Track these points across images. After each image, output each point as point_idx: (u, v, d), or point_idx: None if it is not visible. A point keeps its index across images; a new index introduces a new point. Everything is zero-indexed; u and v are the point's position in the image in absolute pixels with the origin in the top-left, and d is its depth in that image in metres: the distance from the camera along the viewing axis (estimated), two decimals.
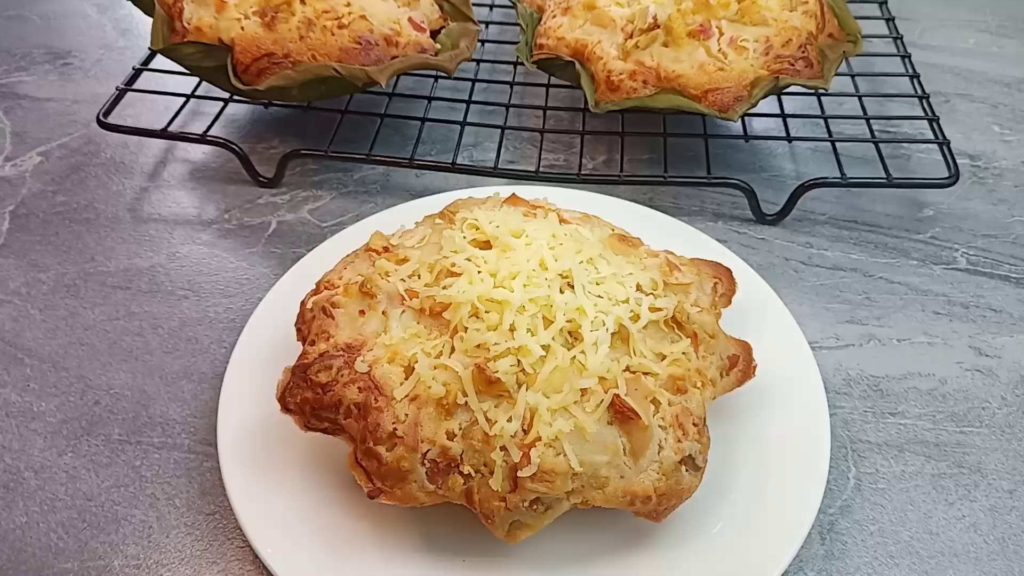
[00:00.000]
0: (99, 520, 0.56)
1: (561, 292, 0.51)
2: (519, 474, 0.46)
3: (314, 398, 0.50)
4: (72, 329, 0.68)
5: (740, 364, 0.55)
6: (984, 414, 0.63)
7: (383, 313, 0.52)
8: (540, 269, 0.52)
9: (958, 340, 0.69)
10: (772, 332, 0.62)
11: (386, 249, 0.57)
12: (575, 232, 0.56)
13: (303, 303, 0.56)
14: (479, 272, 0.51)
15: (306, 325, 0.55)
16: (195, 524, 0.56)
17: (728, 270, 0.61)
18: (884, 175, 0.76)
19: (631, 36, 0.77)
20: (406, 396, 0.48)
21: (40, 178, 0.84)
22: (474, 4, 0.93)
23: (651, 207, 0.74)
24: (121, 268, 0.74)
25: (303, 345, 0.53)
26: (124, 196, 0.82)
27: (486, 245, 0.55)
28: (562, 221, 0.58)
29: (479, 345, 0.48)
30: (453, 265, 0.53)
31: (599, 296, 0.52)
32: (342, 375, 0.50)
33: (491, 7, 1.04)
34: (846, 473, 0.59)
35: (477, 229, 0.56)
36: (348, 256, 0.59)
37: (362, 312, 0.52)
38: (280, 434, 0.56)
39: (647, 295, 0.53)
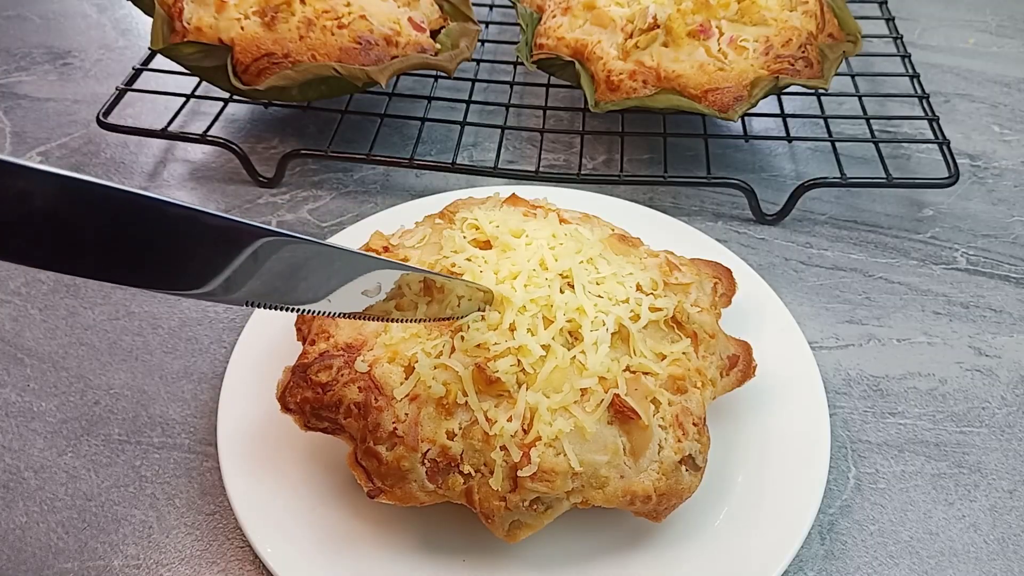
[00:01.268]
0: (99, 520, 0.56)
1: (561, 292, 0.51)
2: (519, 474, 0.46)
3: (314, 397, 0.50)
4: (72, 329, 0.68)
5: (740, 364, 0.55)
6: (984, 414, 0.63)
7: None
8: (540, 269, 0.52)
9: (958, 340, 0.69)
10: (772, 332, 0.62)
11: (386, 249, 0.57)
12: (575, 232, 0.56)
13: None
14: (480, 272, 0.51)
15: (306, 325, 0.55)
16: (195, 524, 0.55)
17: (728, 270, 0.61)
18: (884, 175, 0.76)
19: (631, 36, 0.77)
20: (406, 396, 0.48)
21: None
22: (474, 4, 0.93)
23: (651, 207, 0.74)
24: None
25: (303, 345, 0.53)
26: None
27: (486, 245, 0.55)
28: (562, 221, 0.58)
29: (479, 345, 0.48)
30: (453, 265, 0.53)
31: (599, 296, 0.52)
32: (342, 375, 0.50)
33: (491, 7, 1.04)
34: (846, 473, 0.59)
35: (477, 229, 0.56)
36: None
37: None
38: (280, 434, 0.56)
39: (647, 295, 0.53)
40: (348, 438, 0.51)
